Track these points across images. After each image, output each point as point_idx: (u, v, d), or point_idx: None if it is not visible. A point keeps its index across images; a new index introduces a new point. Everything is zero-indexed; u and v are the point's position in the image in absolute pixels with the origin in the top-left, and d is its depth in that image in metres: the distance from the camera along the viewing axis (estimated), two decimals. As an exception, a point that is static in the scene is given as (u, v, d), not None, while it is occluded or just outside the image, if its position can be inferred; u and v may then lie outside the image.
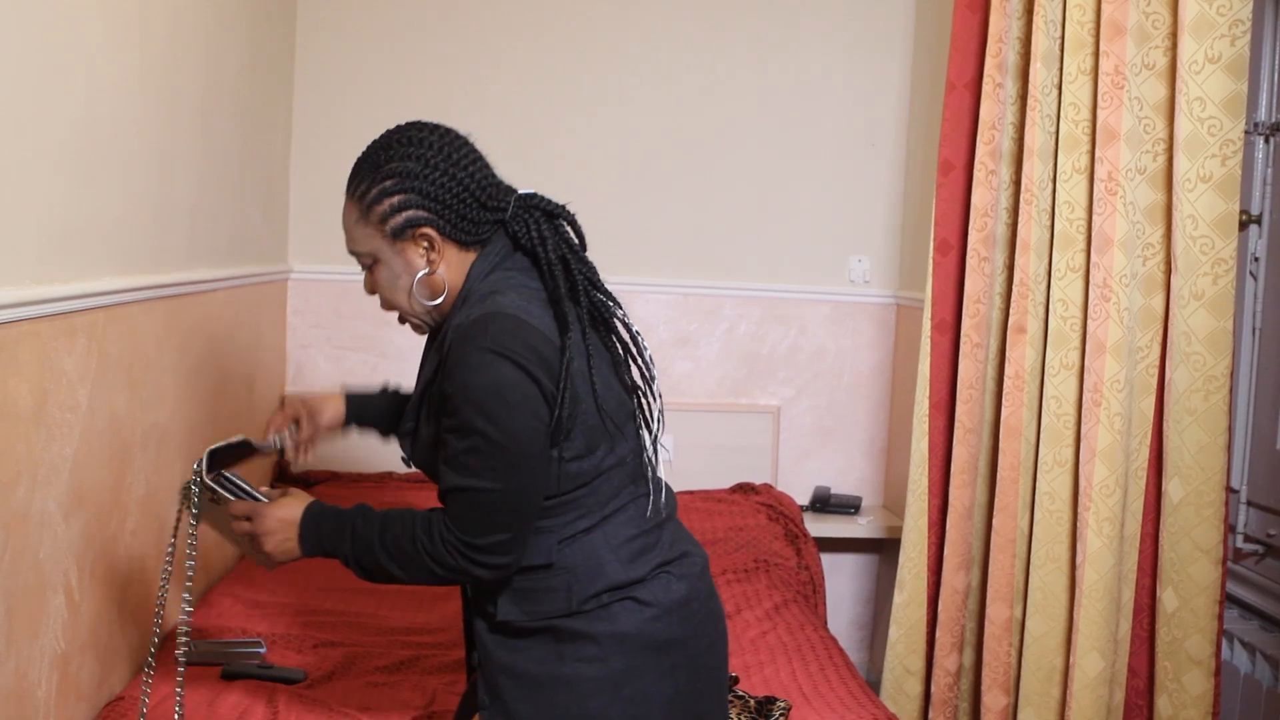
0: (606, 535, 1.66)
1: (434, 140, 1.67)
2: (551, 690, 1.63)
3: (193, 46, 2.50)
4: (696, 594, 1.71)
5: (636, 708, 1.64)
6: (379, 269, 1.70)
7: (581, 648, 1.63)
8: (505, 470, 1.56)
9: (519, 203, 1.71)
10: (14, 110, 1.67)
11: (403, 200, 1.64)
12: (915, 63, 3.75)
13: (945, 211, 3.01)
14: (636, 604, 1.65)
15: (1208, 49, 2.50)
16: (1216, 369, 2.58)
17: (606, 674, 1.63)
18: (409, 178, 1.64)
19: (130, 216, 2.18)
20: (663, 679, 1.65)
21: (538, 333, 1.59)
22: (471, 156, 1.69)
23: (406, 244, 1.66)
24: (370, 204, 1.66)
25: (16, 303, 1.67)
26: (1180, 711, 2.63)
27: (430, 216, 1.65)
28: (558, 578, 1.64)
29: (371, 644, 2.44)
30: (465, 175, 1.66)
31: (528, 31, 3.65)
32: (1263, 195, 2.97)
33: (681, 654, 1.67)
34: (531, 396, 1.56)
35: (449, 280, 1.68)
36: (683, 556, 1.72)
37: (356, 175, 1.69)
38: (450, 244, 1.67)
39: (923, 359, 3.03)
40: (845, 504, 3.72)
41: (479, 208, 1.67)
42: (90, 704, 2.03)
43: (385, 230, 1.66)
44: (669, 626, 1.66)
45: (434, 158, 1.65)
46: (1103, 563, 2.62)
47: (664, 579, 1.67)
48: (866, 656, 3.91)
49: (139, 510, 2.25)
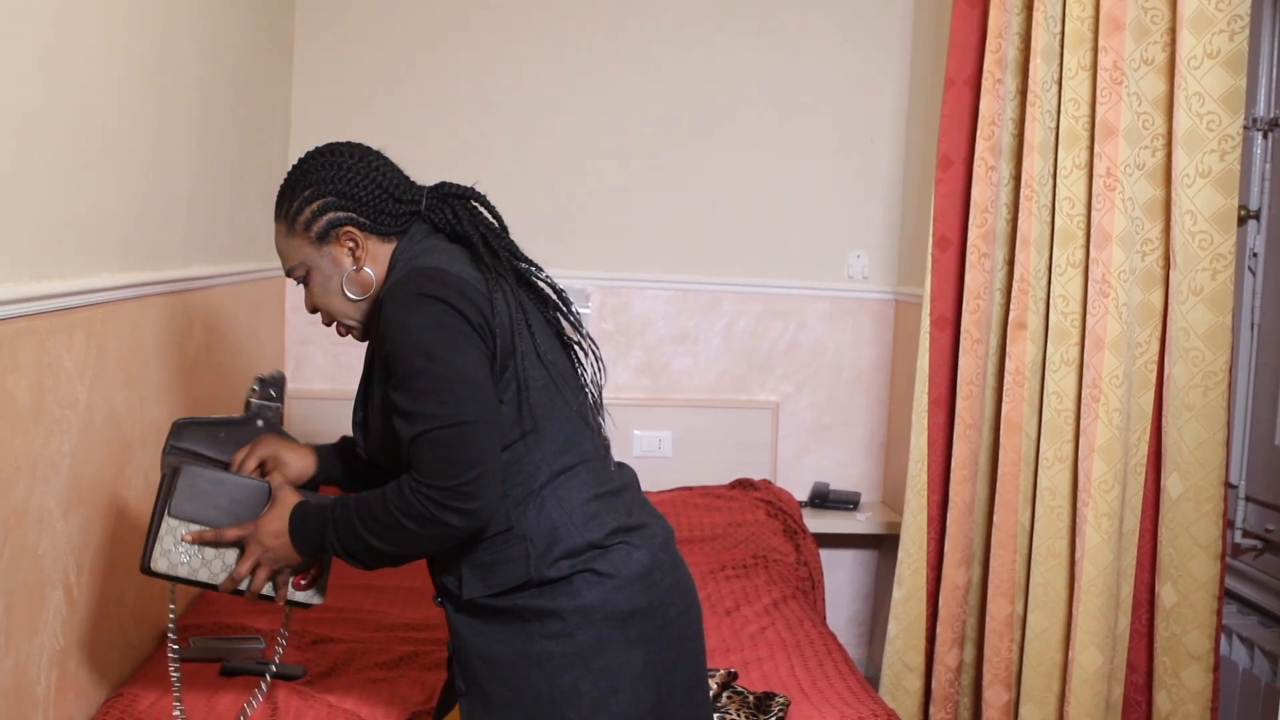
0: (559, 498, 1.69)
1: (344, 149, 1.79)
2: (523, 669, 1.67)
3: (191, 42, 2.50)
4: (659, 563, 1.74)
5: (608, 680, 1.66)
6: (312, 277, 1.79)
7: (547, 624, 1.66)
8: (456, 401, 1.60)
9: (431, 193, 1.81)
10: (13, 107, 1.66)
11: (322, 204, 1.75)
12: (914, 58, 3.75)
13: (944, 207, 3.01)
14: (597, 575, 1.67)
15: (1206, 44, 2.49)
16: (1215, 364, 2.58)
17: (574, 648, 1.66)
18: (325, 183, 1.75)
19: (129, 213, 2.18)
20: (631, 649, 1.68)
21: (461, 278, 1.66)
22: (381, 160, 1.81)
23: (332, 245, 1.76)
24: (294, 216, 1.77)
25: (15, 299, 1.67)
26: (1179, 707, 2.63)
27: (350, 215, 1.75)
28: (515, 546, 1.67)
29: (370, 640, 2.44)
30: (377, 174, 1.77)
31: (527, 28, 3.65)
32: (1261, 190, 2.96)
33: (648, 623, 1.70)
34: (460, 327, 1.62)
35: (377, 274, 1.76)
36: (642, 527, 1.75)
37: (279, 198, 1.80)
38: (372, 238, 1.76)
39: (921, 354, 3.03)
40: (844, 500, 3.72)
41: (394, 201, 1.76)
42: (89, 701, 2.03)
43: (310, 236, 1.76)
44: (632, 596, 1.69)
45: (345, 161, 1.76)
46: (1102, 558, 2.62)
47: (623, 549, 1.70)
48: (865, 652, 3.91)
49: (138, 506, 2.25)
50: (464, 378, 1.61)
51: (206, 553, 1.75)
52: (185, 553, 1.73)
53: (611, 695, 1.66)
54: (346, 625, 2.52)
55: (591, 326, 3.72)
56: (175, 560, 1.73)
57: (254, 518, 1.75)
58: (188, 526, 1.74)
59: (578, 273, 3.71)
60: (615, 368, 3.75)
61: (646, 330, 3.78)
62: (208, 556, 1.75)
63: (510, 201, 3.65)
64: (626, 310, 3.77)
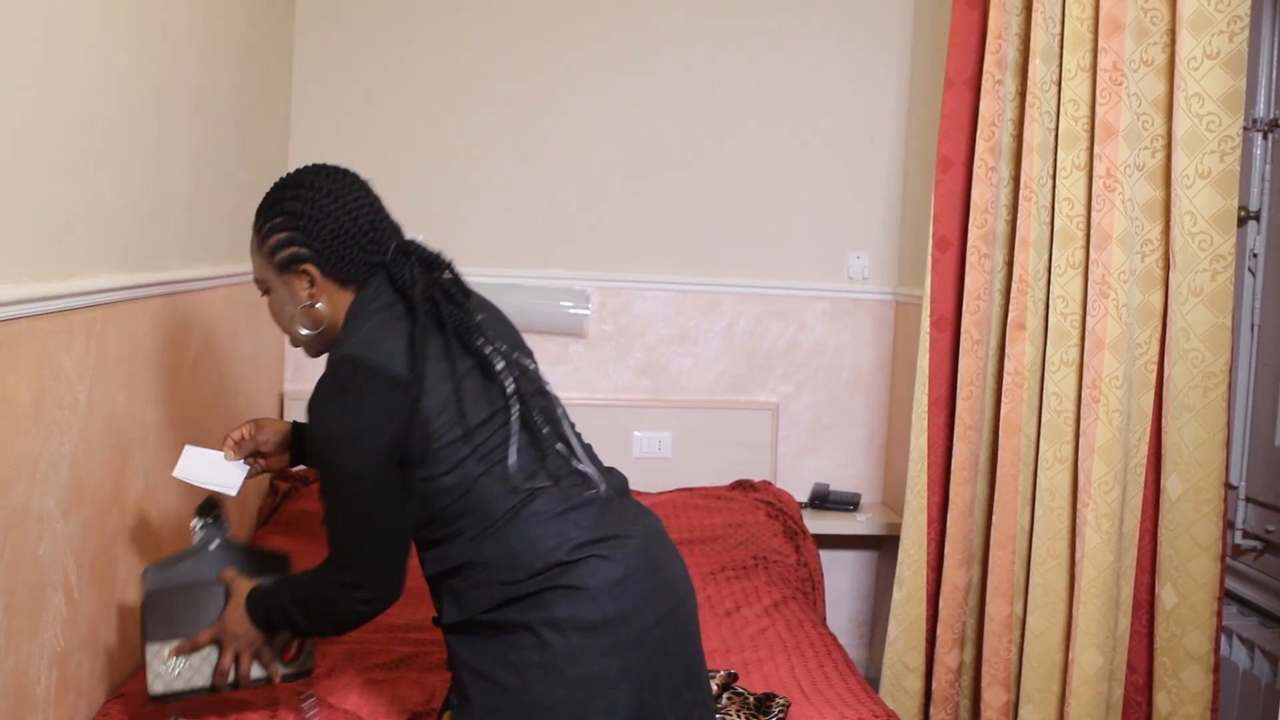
0: (516, 526, 1.74)
1: (325, 184, 1.81)
2: (503, 681, 1.71)
3: (190, 43, 2.50)
4: (632, 571, 1.75)
5: (584, 688, 1.69)
6: (271, 296, 1.88)
7: (521, 637, 1.71)
8: (349, 506, 1.73)
9: (397, 248, 1.83)
10: (12, 108, 1.66)
11: (289, 237, 1.80)
12: (914, 59, 3.75)
13: (944, 208, 3.01)
14: (564, 590, 1.72)
15: (1206, 45, 2.50)
16: (1215, 365, 2.58)
17: (549, 659, 1.69)
18: (296, 217, 1.80)
19: (128, 214, 2.18)
20: (607, 657, 1.70)
21: (377, 373, 1.70)
22: (360, 200, 1.83)
23: (291, 277, 1.82)
24: (263, 238, 1.83)
25: (15, 300, 1.67)
26: (1179, 707, 2.63)
27: (311, 254, 1.80)
28: (480, 573, 1.74)
29: (371, 640, 2.44)
30: (348, 219, 1.80)
31: (527, 29, 3.65)
32: (1261, 191, 2.96)
33: (624, 631, 1.72)
34: (363, 447, 1.69)
35: (329, 313, 1.83)
36: (613, 538, 1.77)
37: (259, 210, 1.86)
38: (330, 281, 1.82)
39: (921, 355, 3.03)
40: (844, 501, 3.72)
41: (358, 250, 1.80)
42: (90, 701, 2.03)
43: (274, 262, 1.83)
44: (601, 606, 1.71)
45: (321, 199, 1.79)
46: (1101, 559, 2.62)
47: (592, 562, 1.73)
48: (866, 653, 3.91)
49: (138, 507, 2.25)
50: (362, 490, 1.71)
51: (194, 660, 1.88)
52: (175, 668, 1.87)
53: (588, 703, 1.69)
54: (346, 626, 2.52)
55: (591, 327, 3.72)
56: (170, 679, 1.87)
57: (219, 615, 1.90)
58: (169, 644, 1.88)
59: (577, 274, 3.71)
60: (615, 369, 3.75)
61: (646, 331, 3.78)
62: (195, 664, 1.88)
63: (510, 202, 3.68)
64: (626, 311, 3.77)
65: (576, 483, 1.81)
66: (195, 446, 2.02)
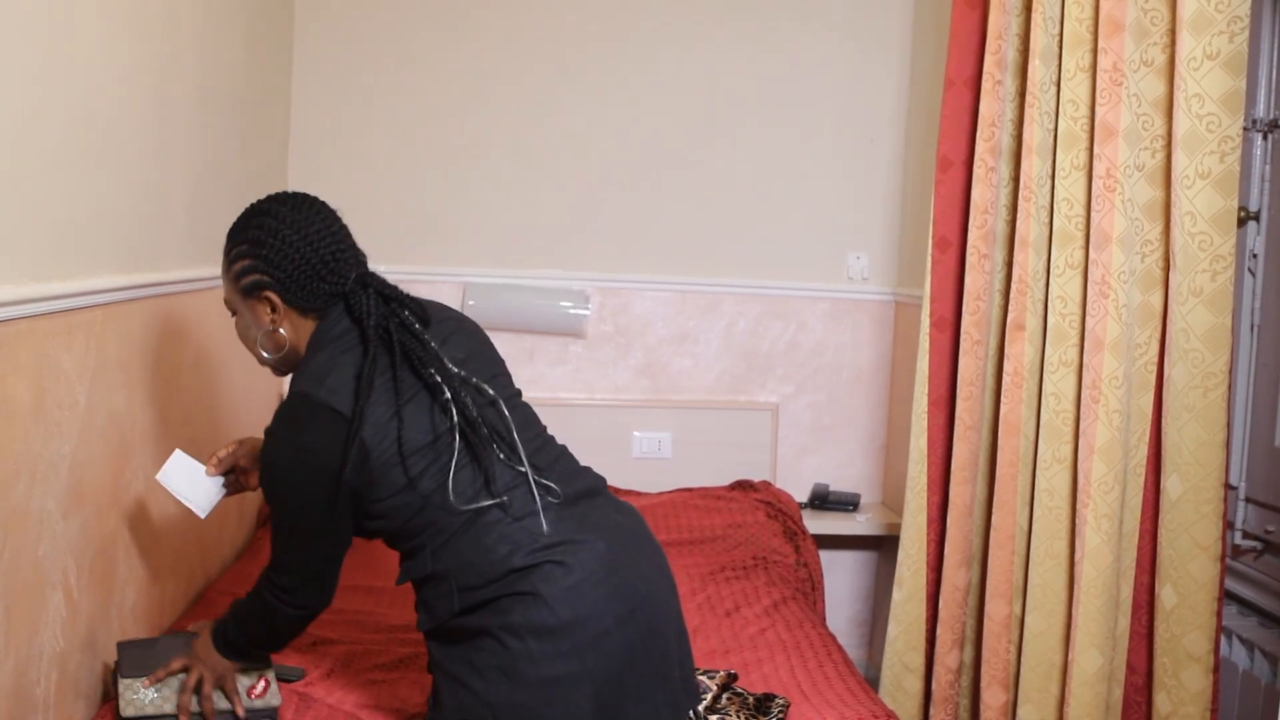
0: (472, 536, 1.80)
1: (289, 215, 1.87)
2: (469, 683, 1.77)
3: (190, 43, 2.50)
4: (587, 575, 1.78)
5: (544, 691, 1.73)
6: (237, 318, 1.95)
7: (482, 641, 1.77)
8: (287, 531, 1.84)
9: (358, 279, 1.88)
10: (11, 108, 1.66)
11: (251, 265, 1.87)
12: (914, 59, 3.75)
13: (944, 208, 3.01)
14: (520, 596, 1.76)
15: (1206, 45, 2.50)
16: (1215, 366, 2.58)
17: (508, 662, 1.75)
18: (259, 245, 1.86)
19: (128, 214, 2.18)
20: (565, 660, 1.74)
21: (322, 410, 1.77)
22: (323, 232, 1.88)
23: (254, 302, 1.89)
24: (230, 262, 1.91)
25: (15, 300, 1.67)
26: (1179, 708, 2.63)
27: (272, 282, 1.86)
28: (443, 584, 1.81)
29: (370, 641, 2.44)
30: (309, 249, 1.85)
31: (527, 29, 3.65)
32: (1261, 192, 2.96)
33: (581, 634, 1.75)
34: (304, 477, 1.78)
35: (290, 339, 1.90)
36: (568, 543, 1.80)
37: (228, 235, 1.93)
38: (291, 309, 1.88)
39: (921, 356, 3.03)
40: (844, 501, 3.72)
41: (317, 280, 1.86)
42: (89, 702, 2.03)
43: (239, 287, 1.90)
44: (556, 611, 1.75)
45: (284, 229, 1.85)
46: (1101, 559, 2.62)
47: (546, 567, 1.78)
48: (865, 654, 3.91)
49: (138, 508, 2.25)
50: (297, 520, 1.82)
51: (164, 690, 1.95)
52: (147, 696, 1.94)
53: (548, 706, 1.73)
54: (346, 627, 2.52)
55: (591, 328, 3.72)
56: (141, 705, 1.93)
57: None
58: (141, 680, 1.96)
59: (577, 274, 3.71)
60: (615, 369, 3.75)
61: (646, 331, 3.78)
62: (166, 694, 1.95)
63: (510, 202, 3.68)
64: (626, 311, 3.77)
65: (528, 492, 1.84)
66: (184, 455, 2.08)
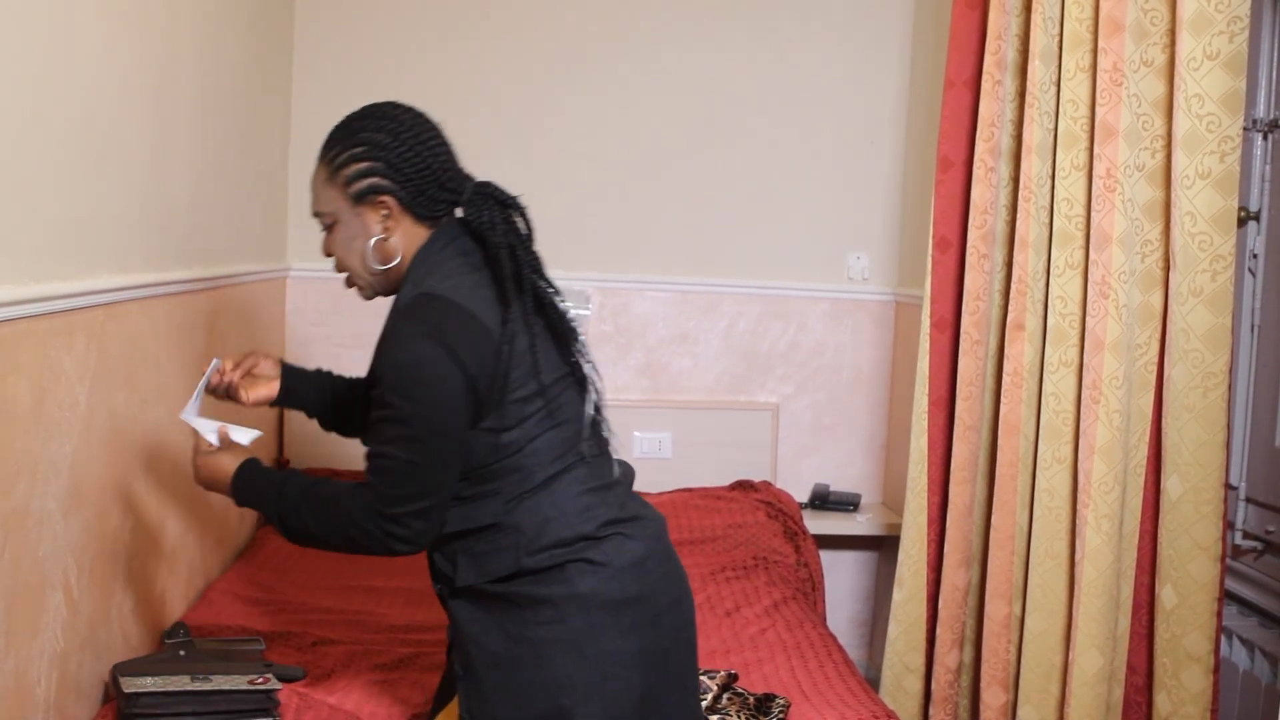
0: (552, 494, 1.73)
1: (407, 118, 1.80)
2: (517, 656, 1.70)
3: (190, 43, 2.50)
4: (652, 553, 1.77)
5: (601, 666, 1.69)
6: (337, 229, 1.81)
7: (540, 611, 1.70)
8: (413, 444, 1.66)
9: (476, 189, 1.81)
10: (12, 109, 1.66)
11: (369, 167, 1.76)
12: (914, 60, 3.75)
13: (944, 208, 3.01)
14: (589, 564, 1.71)
15: (1206, 46, 2.50)
16: (1215, 366, 2.58)
17: (567, 635, 1.69)
18: (378, 147, 1.76)
19: (129, 214, 2.18)
20: (624, 637, 1.71)
21: (468, 315, 1.68)
22: (439, 140, 1.81)
23: (365, 209, 1.77)
24: (338, 167, 1.78)
25: (15, 300, 1.67)
26: (1179, 708, 2.63)
27: (391, 186, 1.76)
28: (506, 536, 1.71)
29: (370, 641, 2.44)
30: (430, 154, 1.78)
31: (527, 29, 3.65)
32: (1261, 192, 2.96)
33: (641, 611, 1.73)
34: (448, 377, 1.65)
35: (402, 249, 1.79)
36: (635, 519, 1.79)
37: (330, 140, 1.81)
38: (407, 215, 1.78)
39: (921, 356, 3.03)
40: (844, 501, 3.72)
41: (438, 187, 1.78)
42: (90, 702, 2.03)
43: (348, 193, 1.77)
44: (624, 585, 1.72)
45: (404, 133, 1.77)
46: (1101, 559, 2.62)
47: (617, 539, 1.74)
48: (865, 654, 3.91)
49: (138, 508, 2.25)
50: (433, 431, 1.66)
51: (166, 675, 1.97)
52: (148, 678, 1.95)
53: (604, 682, 1.69)
54: (347, 627, 2.52)
55: (591, 328, 3.72)
56: (143, 684, 1.93)
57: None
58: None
59: (577, 274, 3.71)
60: (615, 369, 3.75)
61: (646, 331, 3.78)
62: (168, 676, 1.96)
63: (510, 203, 3.68)
64: (626, 311, 3.77)
65: (606, 462, 1.82)
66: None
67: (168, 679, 1.95)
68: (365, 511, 1.69)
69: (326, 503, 1.73)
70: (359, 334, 3.61)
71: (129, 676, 1.96)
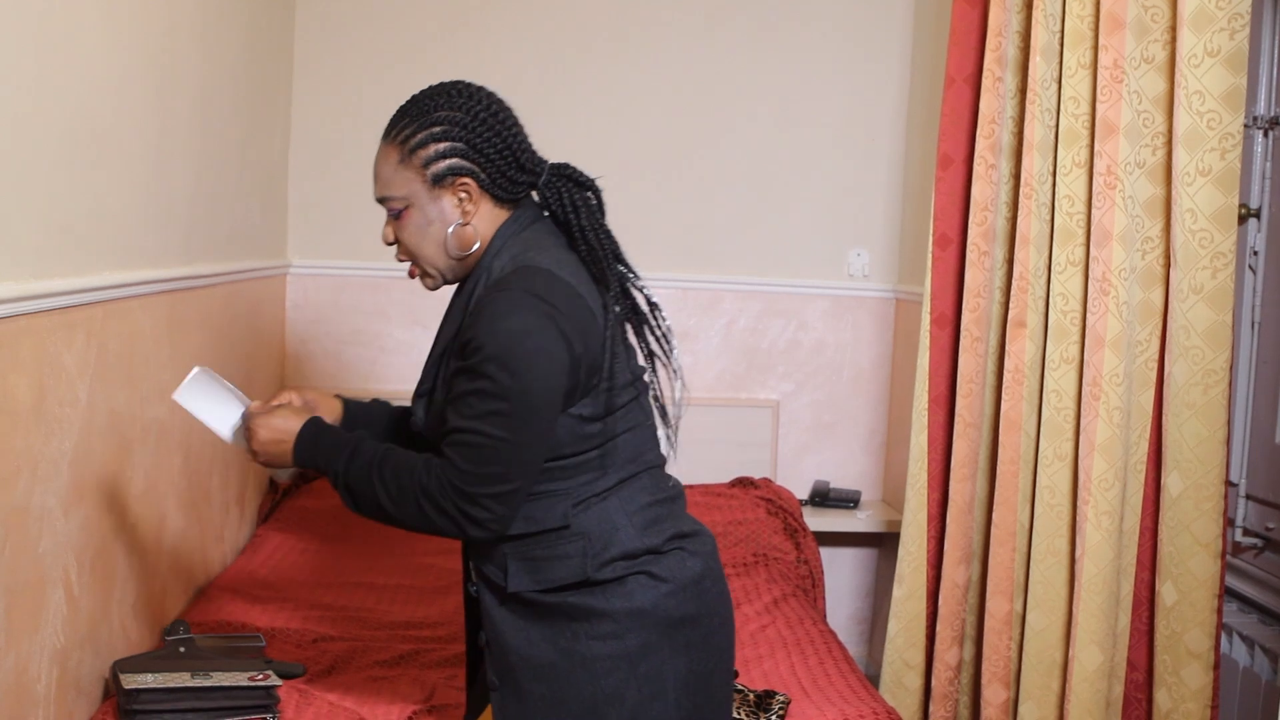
0: (622, 500, 1.67)
1: (483, 96, 1.71)
2: (565, 670, 1.64)
3: (191, 40, 2.50)
4: (709, 572, 1.72)
5: (651, 685, 1.64)
6: (410, 214, 1.70)
7: (597, 625, 1.63)
8: (508, 420, 1.56)
9: (553, 170, 1.74)
10: (13, 105, 1.66)
11: (449, 148, 1.66)
12: (914, 57, 3.75)
13: (945, 206, 3.01)
14: (651, 579, 1.65)
15: (1207, 42, 2.49)
16: (1216, 363, 2.58)
17: (622, 651, 1.63)
18: (457, 126, 1.67)
19: (129, 211, 2.18)
20: (677, 656, 1.66)
21: (572, 289, 1.62)
22: (514, 120, 1.74)
23: (444, 191, 1.68)
24: (414, 148, 1.67)
25: (16, 297, 1.67)
26: (1179, 705, 2.63)
27: (472, 167, 1.67)
28: (572, 543, 1.64)
29: (371, 638, 2.44)
30: (509, 134, 1.70)
31: (527, 28, 3.65)
32: (1262, 189, 2.96)
33: (695, 631, 1.68)
34: (555, 351, 1.57)
35: (480, 234, 1.69)
36: (696, 534, 1.74)
37: (401, 119, 1.70)
38: (486, 198, 1.69)
39: (922, 353, 3.03)
40: (844, 498, 3.72)
41: (517, 168, 1.71)
42: (90, 699, 2.03)
43: (426, 175, 1.67)
44: (683, 603, 1.66)
45: (482, 112, 1.69)
46: (1102, 556, 2.62)
47: (679, 555, 1.68)
48: (866, 651, 3.91)
49: (138, 505, 2.25)
50: (531, 407, 1.56)
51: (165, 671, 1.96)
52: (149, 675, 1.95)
53: (653, 701, 1.64)
54: (347, 623, 2.52)
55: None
56: (144, 681, 1.93)
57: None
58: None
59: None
60: (615, 366, 3.74)
61: (647, 329, 3.77)
62: (168, 673, 1.95)
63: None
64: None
65: (665, 474, 1.77)
66: (207, 371, 1.82)
67: (168, 675, 1.95)
68: (444, 487, 1.57)
69: (401, 472, 1.61)
70: (359, 330, 3.62)
71: (129, 673, 1.97)
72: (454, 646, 2.39)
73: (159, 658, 2.08)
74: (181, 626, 2.24)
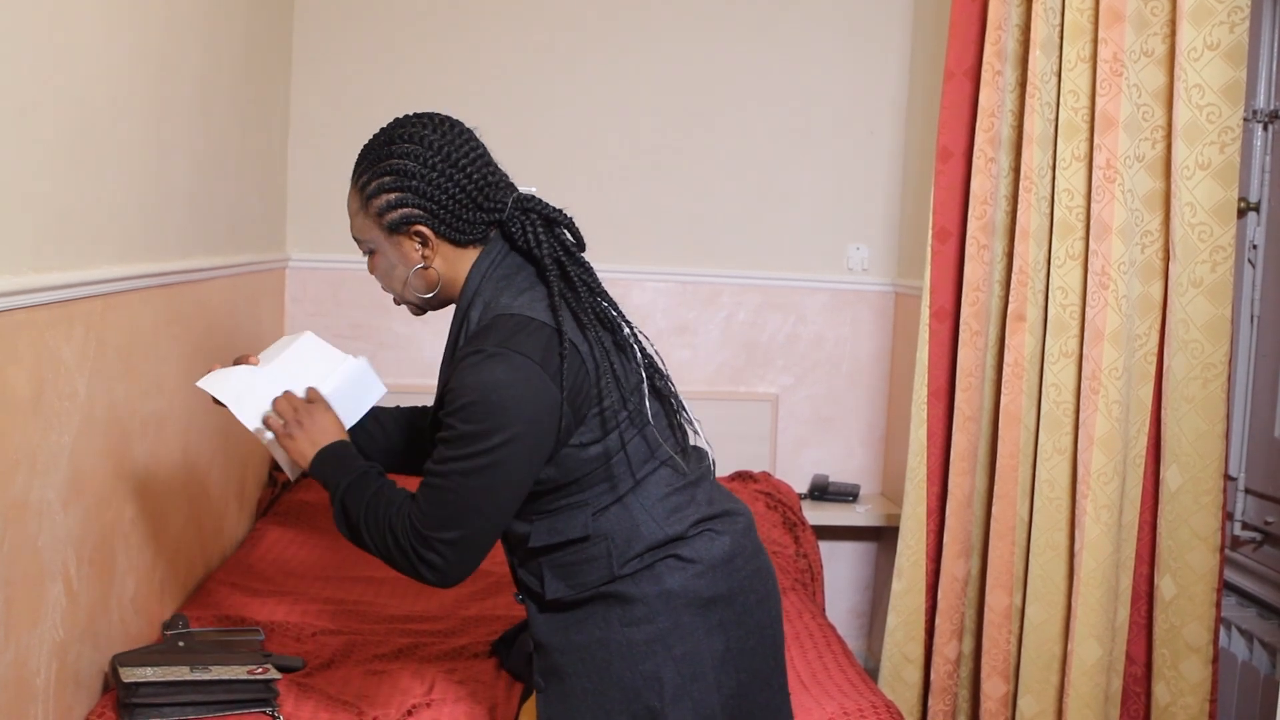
0: (639, 498, 1.71)
1: (434, 139, 1.70)
2: (605, 658, 1.68)
3: (190, 33, 2.49)
4: (740, 550, 1.75)
5: (689, 666, 1.67)
6: (377, 258, 1.77)
7: (630, 610, 1.67)
8: (469, 471, 1.60)
9: (516, 204, 1.75)
10: (11, 98, 1.66)
11: (399, 198, 1.70)
12: (914, 50, 3.75)
13: (944, 199, 3.01)
14: (679, 561, 1.69)
15: (1206, 36, 2.49)
16: (1215, 356, 2.58)
17: (656, 634, 1.67)
18: (407, 176, 1.69)
19: (128, 204, 2.18)
20: (711, 635, 1.69)
21: (548, 328, 1.64)
22: (472, 155, 1.72)
23: (402, 238, 1.72)
24: (369, 197, 1.72)
25: (14, 290, 1.67)
26: (1178, 699, 2.64)
27: (425, 215, 1.70)
28: (596, 546, 1.69)
29: (370, 632, 2.44)
30: (463, 176, 1.70)
31: (525, 22, 3.64)
32: (1261, 183, 2.96)
33: (728, 610, 1.71)
34: (533, 399, 1.60)
35: (444, 275, 1.74)
36: (725, 514, 1.76)
37: (359, 165, 1.75)
38: (444, 242, 1.73)
39: (921, 347, 3.03)
40: (843, 492, 3.72)
41: (474, 209, 1.72)
42: (89, 692, 2.04)
43: (382, 224, 1.72)
44: (713, 582, 1.69)
45: (433, 158, 1.69)
46: (1101, 550, 2.62)
47: (706, 536, 1.71)
48: (865, 644, 3.92)
49: (138, 498, 2.25)
50: (495, 461, 1.60)
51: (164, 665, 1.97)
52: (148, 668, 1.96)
53: (693, 682, 1.67)
54: (346, 617, 2.52)
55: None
56: (143, 674, 1.93)
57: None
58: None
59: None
60: (615, 360, 3.74)
61: (645, 322, 3.76)
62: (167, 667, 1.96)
63: (509, 194, 3.67)
64: (625, 302, 3.68)
65: (686, 459, 1.79)
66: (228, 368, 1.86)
67: (167, 669, 1.95)
68: (406, 526, 1.63)
69: (379, 504, 1.66)
70: (358, 324, 3.61)
71: (128, 666, 1.97)
72: (453, 640, 2.39)
73: (158, 651, 2.09)
74: (181, 620, 2.24)
